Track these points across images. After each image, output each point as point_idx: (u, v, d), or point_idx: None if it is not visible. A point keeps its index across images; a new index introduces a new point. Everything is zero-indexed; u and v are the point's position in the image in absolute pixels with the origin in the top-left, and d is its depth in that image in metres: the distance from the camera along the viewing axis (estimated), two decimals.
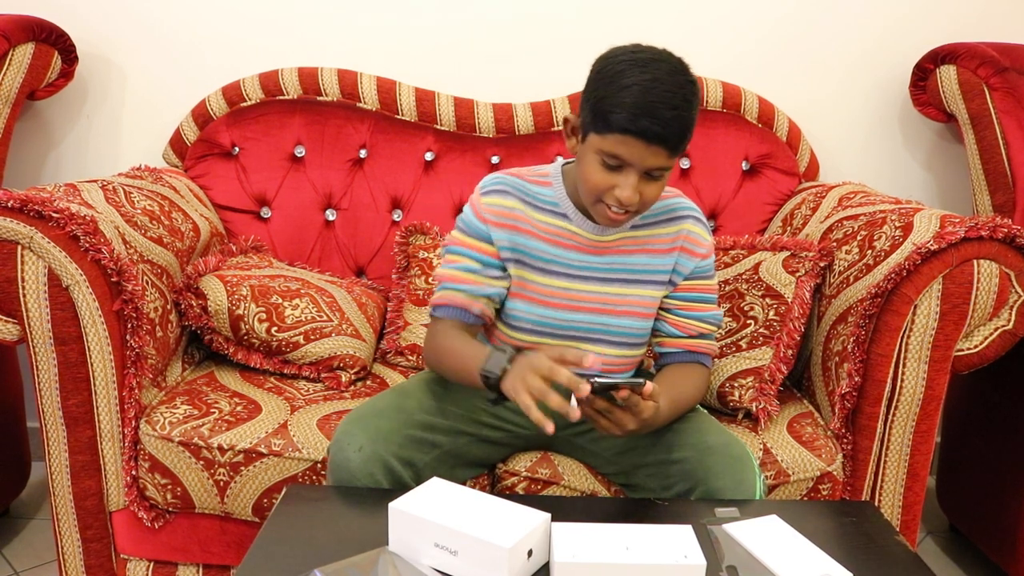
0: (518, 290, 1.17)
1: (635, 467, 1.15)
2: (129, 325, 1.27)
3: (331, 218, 1.77)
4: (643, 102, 0.98)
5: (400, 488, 1.05)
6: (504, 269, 1.16)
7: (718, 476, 1.07)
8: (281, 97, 1.76)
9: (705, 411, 1.22)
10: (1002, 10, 1.83)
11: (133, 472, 1.28)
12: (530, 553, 0.86)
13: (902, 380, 1.28)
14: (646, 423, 1.02)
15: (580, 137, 1.08)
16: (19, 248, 1.21)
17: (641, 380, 0.98)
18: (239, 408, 1.31)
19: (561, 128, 1.74)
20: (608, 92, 1.00)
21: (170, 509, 1.30)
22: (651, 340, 1.22)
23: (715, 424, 1.17)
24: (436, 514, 0.87)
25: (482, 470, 1.24)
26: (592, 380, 0.94)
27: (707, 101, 1.77)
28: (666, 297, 1.19)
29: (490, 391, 1.01)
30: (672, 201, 1.19)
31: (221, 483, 1.25)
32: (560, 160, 1.19)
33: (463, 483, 1.17)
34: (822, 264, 1.44)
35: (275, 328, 1.42)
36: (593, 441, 1.21)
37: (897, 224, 1.33)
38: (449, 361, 1.12)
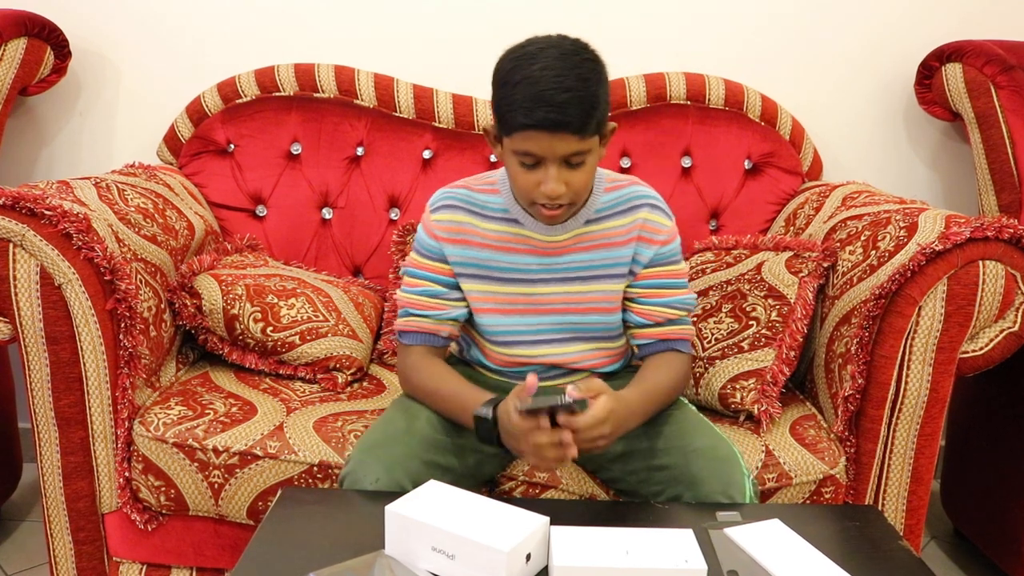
0: (483, 304, 1.17)
1: (626, 473, 1.16)
2: (122, 324, 1.27)
3: (328, 217, 1.77)
4: (533, 93, 0.98)
5: None
6: (460, 287, 1.17)
7: (705, 480, 1.07)
8: (277, 94, 1.75)
9: (692, 408, 1.21)
10: (1009, 7, 1.83)
11: (126, 474, 1.28)
12: (528, 557, 0.86)
13: (906, 382, 1.27)
14: (604, 429, 0.99)
15: (498, 144, 1.08)
16: (11, 246, 1.21)
17: (569, 400, 0.96)
18: (234, 409, 1.31)
19: None
20: (503, 93, 1.02)
21: (163, 511, 1.30)
22: (625, 333, 1.22)
23: (702, 424, 1.16)
24: (433, 517, 0.87)
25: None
26: (520, 410, 0.97)
27: (709, 99, 1.77)
28: (629, 287, 1.18)
29: (487, 435, 1.06)
30: (627, 191, 1.17)
31: (215, 485, 1.25)
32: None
33: None
34: (825, 265, 1.43)
35: (271, 328, 1.42)
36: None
37: (902, 224, 1.33)
38: (430, 402, 1.16)
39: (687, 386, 1.22)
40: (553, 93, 0.98)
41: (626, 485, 1.16)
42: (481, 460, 1.17)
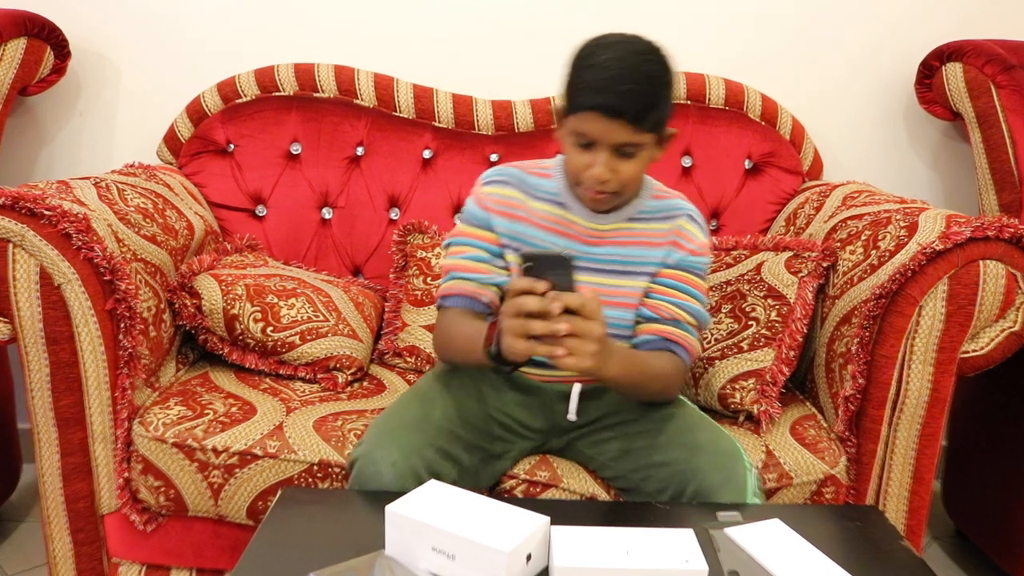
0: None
1: (629, 471, 1.15)
2: (122, 325, 1.27)
3: (328, 217, 1.77)
4: (600, 78, 1.03)
5: None
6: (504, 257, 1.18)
7: (708, 473, 1.07)
8: (277, 93, 1.75)
9: (692, 406, 1.21)
10: (1009, 7, 1.83)
11: (125, 474, 1.28)
12: (529, 557, 0.86)
13: (907, 382, 1.27)
14: (595, 328, 0.95)
15: (562, 122, 1.12)
16: (10, 246, 1.20)
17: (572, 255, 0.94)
18: (234, 409, 1.31)
19: None
20: (574, 74, 1.07)
21: (163, 512, 1.30)
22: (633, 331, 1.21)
23: (704, 420, 1.16)
24: (434, 517, 0.87)
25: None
26: (521, 257, 0.93)
27: (709, 99, 1.77)
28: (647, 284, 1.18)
29: (502, 365, 1.01)
30: (672, 202, 1.21)
31: (215, 485, 1.25)
32: (562, 156, 1.20)
33: None
34: (825, 264, 1.43)
35: (271, 328, 1.42)
36: (592, 445, 1.21)
37: (902, 224, 1.33)
38: (457, 344, 1.14)
39: (676, 394, 1.20)
40: (617, 81, 1.03)
41: (627, 483, 1.16)
42: (484, 459, 1.17)
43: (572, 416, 0.94)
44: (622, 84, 1.03)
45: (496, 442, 1.19)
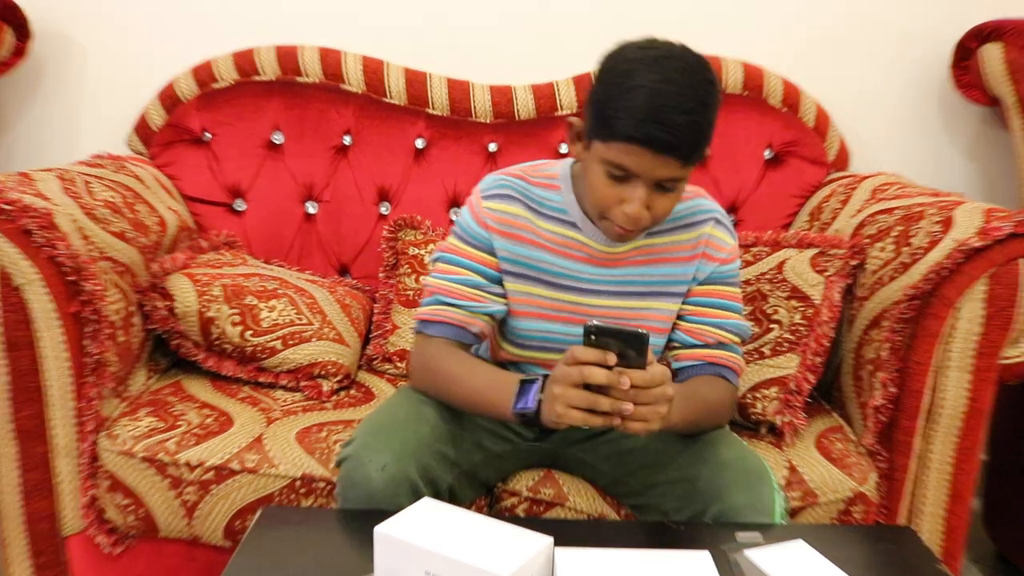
0: (522, 306, 1.16)
1: (645, 487, 1.15)
2: (88, 329, 1.26)
3: (312, 211, 1.76)
4: (651, 106, 0.95)
5: None
6: (502, 283, 1.15)
7: (733, 492, 1.06)
8: (257, 78, 1.75)
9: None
10: None
11: (91, 492, 1.27)
12: None
13: (943, 391, 1.27)
14: (668, 390, 0.95)
15: (585, 144, 1.05)
16: None
17: (645, 332, 0.92)
18: (209, 420, 1.31)
19: (565, 113, 1.75)
20: (613, 94, 0.98)
21: (132, 533, 1.29)
22: (666, 355, 1.21)
23: (730, 437, 1.16)
24: (427, 539, 0.87)
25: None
26: (589, 328, 0.92)
27: (727, 83, 1.77)
28: (680, 304, 1.17)
29: (529, 428, 1.00)
30: (693, 203, 1.17)
31: (189, 503, 1.25)
32: (569, 161, 1.17)
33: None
34: (853, 263, 1.43)
35: (250, 332, 1.42)
36: (601, 459, 1.20)
37: (936, 219, 1.33)
38: (456, 390, 1.10)
39: (727, 420, 1.18)
40: (673, 112, 0.95)
41: (642, 500, 1.16)
42: (484, 460, 1.16)
43: (626, 384, 0.93)
44: (677, 115, 0.95)
45: (499, 441, 1.18)
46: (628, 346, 0.92)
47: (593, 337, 0.93)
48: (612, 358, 0.92)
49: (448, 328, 1.13)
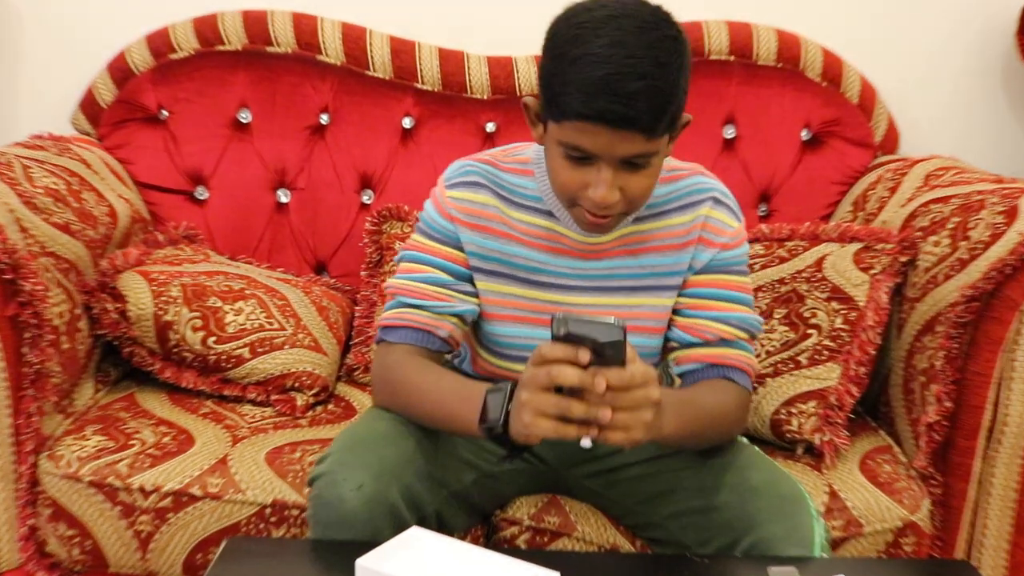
0: (496, 308, 1.16)
1: (664, 518, 1.14)
2: (27, 335, 1.27)
3: (284, 200, 1.77)
4: (596, 77, 0.94)
5: None
6: (473, 282, 1.15)
7: (766, 522, 1.05)
8: (221, 48, 1.75)
9: (748, 443, 1.21)
10: None
11: (30, 521, 1.28)
12: None
13: (1006, 406, 1.27)
14: (653, 392, 0.92)
15: (544, 126, 1.05)
16: None
17: (620, 323, 0.89)
18: (166, 439, 1.31)
19: None
20: (559, 68, 0.98)
21: (77, 569, 1.29)
22: (666, 359, 1.20)
23: (760, 458, 1.16)
24: (414, 573, 0.87)
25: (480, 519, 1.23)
26: (557, 328, 0.89)
27: (758, 54, 1.77)
28: (676, 298, 1.16)
29: (500, 445, 0.98)
30: (687, 182, 1.15)
31: (143, 534, 1.25)
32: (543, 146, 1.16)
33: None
34: (903, 259, 1.43)
35: (213, 339, 1.42)
36: (610, 486, 1.20)
37: (999, 208, 1.33)
38: (419, 403, 1.09)
39: (740, 430, 1.18)
40: (622, 80, 0.94)
41: (663, 533, 1.15)
42: (476, 481, 1.16)
43: (586, 443, 0.92)
44: (629, 82, 0.94)
45: (494, 459, 1.17)
46: (603, 340, 0.89)
47: (563, 331, 0.89)
48: (585, 355, 0.88)
49: (411, 333, 1.13)
